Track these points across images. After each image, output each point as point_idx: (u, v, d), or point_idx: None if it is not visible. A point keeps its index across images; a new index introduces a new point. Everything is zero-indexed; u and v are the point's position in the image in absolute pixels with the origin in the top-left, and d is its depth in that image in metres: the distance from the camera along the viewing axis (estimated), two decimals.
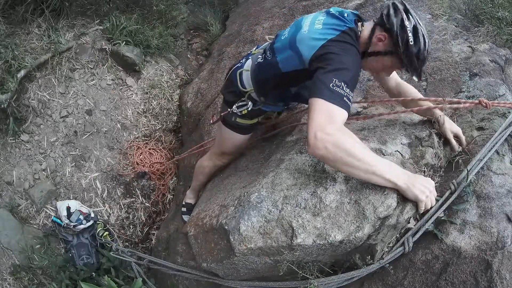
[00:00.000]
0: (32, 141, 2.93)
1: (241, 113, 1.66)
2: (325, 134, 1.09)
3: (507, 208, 1.24)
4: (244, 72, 1.62)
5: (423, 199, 1.18)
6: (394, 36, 1.27)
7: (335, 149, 1.09)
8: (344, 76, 1.16)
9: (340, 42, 1.25)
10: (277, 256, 1.24)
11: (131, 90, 3.53)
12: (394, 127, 1.57)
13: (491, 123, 1.54)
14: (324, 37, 1.26)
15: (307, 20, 1.38)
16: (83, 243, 2.64)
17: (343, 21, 1.31)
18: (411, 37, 1.26)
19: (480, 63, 1.99)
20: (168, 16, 4.01)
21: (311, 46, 1.28)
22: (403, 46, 1.27)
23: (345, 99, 1.15)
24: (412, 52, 1.27)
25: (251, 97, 1.63)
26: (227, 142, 1.88)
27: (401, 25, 1.27)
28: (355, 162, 1.11)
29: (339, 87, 1.14)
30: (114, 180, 3.13)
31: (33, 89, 3.04)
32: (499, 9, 2.64)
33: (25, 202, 2.75)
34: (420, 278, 1.21)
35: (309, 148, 1.12)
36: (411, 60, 1.29)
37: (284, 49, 1.41)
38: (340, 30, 1.28)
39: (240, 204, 1.33)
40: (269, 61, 1.49)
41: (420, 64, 1.31)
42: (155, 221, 3.15)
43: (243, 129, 1.77)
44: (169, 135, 3.58)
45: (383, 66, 1.39)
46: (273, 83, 1.52)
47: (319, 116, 1.12)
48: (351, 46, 1.26)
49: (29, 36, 3.14)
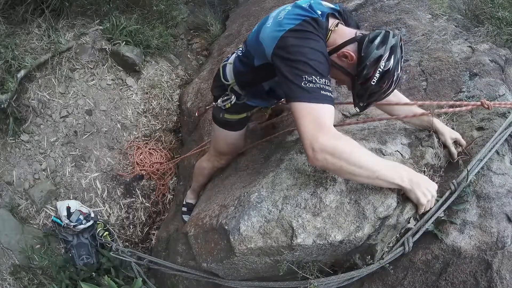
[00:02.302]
0: (32, 141, 2.93)
1: (225, 107, 1.63)
2: (321, 145, 1.05)
3: (507, 208, 1.24)
4: (228, 65, 1.60)
5: (424, 203, 1.17)
6: (360, 66, 1.18)
7: (334, 160, 1.06)
8: (312, 68, 1.09)
9: (299, 31, 1.16)
10: (277, 256, 1.24)
11: (131, 90, 3.54)
12: (394, 127, 1.57)
13: (491, 123, 1.54)
14: (283, 28, 1.18)
15: (274, 13, 1.31)
16: (83, 243, 2.64)
17: (307, 10, 1.22)
18: (376, 77, 1.16)
19: (480, 63, 1.99)
20: (168, 16, 4.01)
21: (272, 38, 1.21)
22: (361, 79, 1.19)
23: (322, 92, 1.09)
24: (367, 88, 1.20)
25: (234, 90, 1.60)
26: (220, 141, 1.86)
27: (375, 60, 1.15)
28: (357, 170, 1.08)
29: (311, 82, 1.08)
30: (114, 180, 3.13)
31: (33, 89, 3.04)
32: (499, 9, 2.64)
33: (25, 202, 2.75)
34: (420, 278, 1.21)
35: (309, 161, 1.10)
36: (362, 93, 1.23)
37: (252, 42, 1.37)
38: (301, 19, 1.18)
39: (240, 204, 1.33)
40: (244, 54, 1.47)
41: (368, 100, 1.26)
42: (155, 221, 3.15)
43: (233, 125, 1.74)
44: (169, 135, 3.58)
45: (334, 77, 1.33)
46: (248, 77, 1.50)
47: (307, 124, 1.08)
48: (311, 33, 1.16)
49: (29, 36, 3.14)
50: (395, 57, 1.16)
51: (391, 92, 1.25)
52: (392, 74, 1.17)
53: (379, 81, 1.17)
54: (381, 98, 1.26)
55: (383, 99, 1.29)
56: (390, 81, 1.18)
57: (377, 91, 1.21)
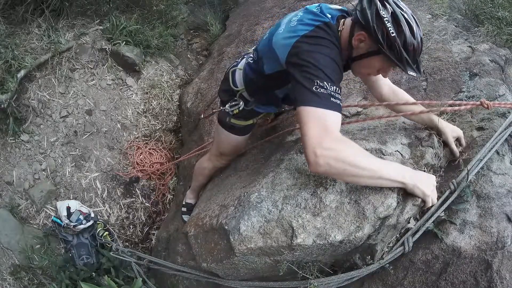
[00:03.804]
0: (32, 141, 2.93)
1: (232, 112, 1.63)
2: (324, 150, 1.03)
3: (507, 208, 1.24)
4: (237, 71, 1.60)
5: (430, 194, 1.18)
6: (372, 32, 1.13)
7: (337, 164, 1.04)
8: (324, 74, 1.08)
9: (313, 37, 1.16)
10: (277, 256, 1.24)
11: (131, 90, 3.54)
12: (394, 127, 1.57)
13: (491, 123, 1.54)
14: (297, 34, 1.18)
15: (286, 19, 1.31)
16: (83, 243, 2.64)
17: (319, 15, 1.22)
18: (391, 27, 1.11)
19: (480, 63, 1.99)
20: (168, 16, 4.01)
21: (285, 45, 1.21)
22: (384, 41, 1.13)
23: (332, 99, 1.08)
24: (397, 45, 1.12)
25: (243, 96, 1.61)
26: (224, 143, 1.87)
27: (376, 17, 1.12)
28: (360, 171, 1.08)
29: (323, 87, 1.07)
30: (114, 180, 3.13)
31: (33, 89, 3.04)
32: (499, 9, 2.64)
33: (25, 202, 2.75)
34: (420, 278, 1.21)
35: (311, 167, 1.07)
36: (399, 54, 1.14)
37: (264, 50, 1.37)
38: (314, 25, 1.18)
39: (240, 204, 1.33)
40: (256, 62, 1.46)
41: (412, 55, 1.16)
42: (155, 221, 3.15)
43: (239, 130, 1.75)
44: (169, 135, 3.58)
45: (373, 69, 1.27)
46: (259, 84, 1.50)
47: (312, 129, 1.06)
48: (325, 39, 1.15)
49: (29, 36, 3.14)
50: (389, 1, 1.14)
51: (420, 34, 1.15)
52: (400, 15, 1.12)
53: (396, 27, 1.11)
54: (420, 44, 1.16)
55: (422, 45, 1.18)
56: (405, 21, 1.12)
57: (407, 38, 1.12)
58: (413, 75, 1.19)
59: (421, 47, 1.18)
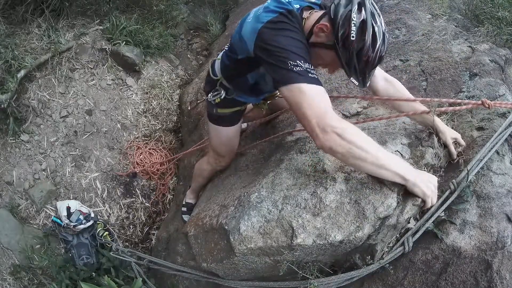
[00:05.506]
0: (32, 141, 2.93)
1: (215, 101, 1.66)
2: (329, 124, 1.05)
3: (507, 208, 1.24)
4: (217, 61, 1.64)
5: (430, 195, 1.18)
6: (336, 27, 1.14)
7: (343, 142, 1.06)
8: (293, 54, 1.11)
9: (275, 22, 1.19)
10: (277, 256, 1.24)
11: (131, 90, 3.54)
12: (394, 127, 1.57)
13: (491, 123, 1.54)
14: (262, 20, 1.21)
15: (255, 9, 1.34)
16: (83, 243, 2.64)
17: (283, 3, 1.25)
18: (354, 31, 1.11)
19: (480, 63, 1.99)
20: (168, 16, 4.01)
21: (252, 32, 1.24)
22: (341, 40, 1.14)
23: (310, 75, 1.10)
24: (352, 49, 1.13)
25: (223, 84, 1.63)
26: (216, 141, 1.87)
27: (346, 16, 1.13)
28: (364, 154, 1.08)
29: (297, 66, 1.09)
30: (114, 180, 3.13)
31: (33, 89, 3.04)
32: (499, 9, 2.64)
33: (25, 202, 2.75)
34: (420, 278, 1.21)
35: (317, 141, 1.09)
36: (349, 58, 1.15)
37: (235, 38, 1.41)
38: (278, 11, 1.21)
39: (240, 204, 1.33)
40: (230, 50, 1.50)
41: (363, 66, 1.17)
42: (155, 221, 3.15)
43: (227, 120, 1.76)
44: (169, 135, 3.58)
45: (322, 62, 1.29)
46: (232, 69, 1.53)
47: (308, 104, 1.08)
48: (288, 23, 1.18)
49: (29, 36, 3.14)
50: (366, 9, 1.13)
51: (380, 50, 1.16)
52: (370, 25, 1.12)
53: (359, 34, 1.12)
54: (376, 60, 1.17)
55: (378, 62, 1.19)
56: (372, 33, 1.13)
57: (365, 48, 1.13)
58: (355, 83, 1.22)
59: (376, 63, 1.19)
